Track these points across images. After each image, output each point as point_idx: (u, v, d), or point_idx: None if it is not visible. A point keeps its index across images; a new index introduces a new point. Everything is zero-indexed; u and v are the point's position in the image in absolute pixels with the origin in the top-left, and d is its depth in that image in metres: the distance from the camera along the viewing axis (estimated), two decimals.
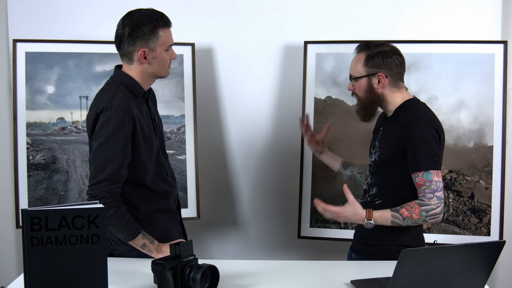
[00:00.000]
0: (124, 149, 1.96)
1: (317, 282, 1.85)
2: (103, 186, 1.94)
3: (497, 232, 2.76)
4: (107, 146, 1.95)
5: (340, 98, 2.92)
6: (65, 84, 2.84)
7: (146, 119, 2.07)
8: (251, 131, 3.09)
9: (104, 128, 1.95)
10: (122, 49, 2.04)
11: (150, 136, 2.07)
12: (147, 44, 2.01)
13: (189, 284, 1.66)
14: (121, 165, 1.97)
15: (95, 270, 1.49)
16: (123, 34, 2.01)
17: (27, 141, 2.82)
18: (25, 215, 1.43)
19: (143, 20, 2.00)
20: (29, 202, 2.79)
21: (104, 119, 1.95)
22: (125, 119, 1.95)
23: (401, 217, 1.98)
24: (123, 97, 2.00)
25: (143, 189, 2.09)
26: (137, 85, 2.06)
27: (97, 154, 1.97)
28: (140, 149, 2.02)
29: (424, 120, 2.03)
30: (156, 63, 2.05)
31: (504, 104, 2.78)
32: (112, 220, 1.96)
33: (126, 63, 2.07)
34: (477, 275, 1.52)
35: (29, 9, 2.95)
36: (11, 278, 2.01)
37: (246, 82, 3.06)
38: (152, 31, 2.00)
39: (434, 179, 1.96)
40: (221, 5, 3.04)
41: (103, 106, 1.96)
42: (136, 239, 2.00)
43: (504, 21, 2.95)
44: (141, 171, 2.06)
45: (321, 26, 3.01)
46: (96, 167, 1.97)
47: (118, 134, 1.94)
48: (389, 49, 2.09)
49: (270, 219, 3.13)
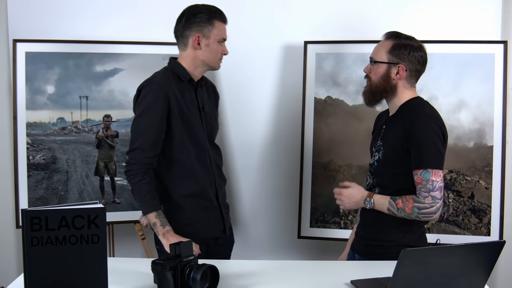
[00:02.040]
0: (157, 122, 2.13)
1: (317, 282, 1.85)
2: (135, 153, 2.13)
3: (497, 232, 2.77)
4: (142, 118, 2.15)
5: (340, 98, 2.92)
6: (65, 84, 2.83)
7: (189, 104, 2.21)
8: (251, 131, 3.09)
9: (142, 101, 2.14)
10: (178, 35, 2.21)
11: (191, 120, 2.20)
12: (202, 30, 2.18)
13: (189, 284, 1.66)
14: (154, 136, 2.13)
15: (95, 270, 1.49)
16: (181, 21, 2.20)
17: (27, 141, 2.82)
18: (25, 215, 1.43)
19: (202, 9, 2.20)
20: (29, 202, 2.79)
21: (143, 94, 2.15)
22: (160, 96, 2.13)
23: (396, 207, 2.00)
24: (163, 77, 2.19)
25: (178, 168, 2.21)
26: (184, 71, 2.22)
27: (134, 125, 2.18)
28: (176, 127, 2.16)
29: (429, 118, 2.03)
30: (209, 51, 2.21)
31: (504, 104, 2.78)
32: (135, 187, 2.13)
33: (181, 49, 2.23)
34: (477, 275, 1.52)
35: (29, 9, 2.95)
36: (11, 278, 2.01)
37: (246, 82, 3.06)
38: (208, 20, 2.19)
39: (431, 178, 1.96)
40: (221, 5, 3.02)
41: (144, 83, 2.18)
42: (150, 215, 2.12)
43: (504, 21, 2.95)
44: (179, 149, 2.19)
45: (321, 26, 3.01)
46: (132, 137, 2.17)
47: (153, 108, 2.12)
48: (416, 45, 2.08)
49: (270, 219, 3.13)
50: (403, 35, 2.10)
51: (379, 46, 2.12)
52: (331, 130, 2.92)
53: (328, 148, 2.92)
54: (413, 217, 1.99)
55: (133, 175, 2.12)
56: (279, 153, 3.09)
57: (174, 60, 2.26)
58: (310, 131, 2.92)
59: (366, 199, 2.07)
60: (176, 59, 2.26)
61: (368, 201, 2.06)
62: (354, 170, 2.89)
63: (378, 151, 2.13)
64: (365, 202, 2.07)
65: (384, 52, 2.08)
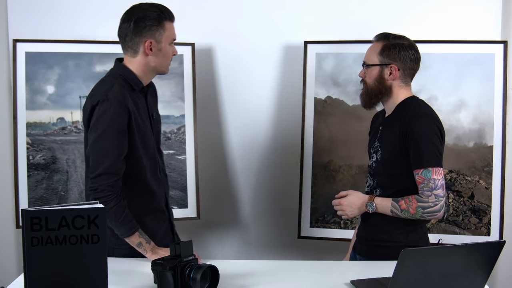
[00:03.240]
0: (120, 142, 1.95)
1: (317, 282, 1.85)
2: (102, 179, 1.94)
3: (497, 232, 2.77)
4: (103, 140, 1.94)
5: (340, 98, 2.92)
6: (65, 84, 2.83)
7: (143, 114, 2.06)
8: (251, 131, 3.09)
9: (100, 121, 1.94)
10: (127, 41, 2.02)
11: (146, 132, 2.05)
12: (154, 35, 2.00)
13: (189, 284, 1.66)
14: (118, 158, 1.96)
15: (95, 270, 1.49)
16: (129, 25, 1.99)
17: (27, 141, 2.82)
18: (25, 215, 1.43)
19: (150, 12, 1.99)
20: (29, 202, 2.79)
21: (100, 111, 1.94)
22: (121, 112, 1.94)
23: (400, 208, 2.00)
24: (119, 89, 1.98)
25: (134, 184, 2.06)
26: (136, 79, 2.04)
27: (95, 148, 1.96)
28: (135, 143, 2.01)
29: (426, 117, 2.02)
30: (161, 56, 2.03)
31: (504, 104, 2.78)
32: (111, 213, 1.94)
33: (130, 56, 2.04)
34: (477, 275, 1.52)
35: (29, 9, 2.95)
36: (11, 278, 2.01)
37: (246, 82, 3.06)
38: (159, 22, 2.00)
39: (432, 177, 1.96)
40: (221, 5, 3.03)
41: (99, 98, 1.95)
42: (132, 236, 1.98)
43: (504, 21, 2.95)
44: (135, 165, 2.03)
45: (321, 26, 3.01)
46: (94, 161, 1.97)
47: (114, 127, 1.94)
48: (406, 43, 2.08)
49: (270, 219, 3.13)
50: (392, 35, 2.09)
51: (370, 49, 2.12)
52: (331, 130, 2.92)
53: (328, 148, 2.92)
54: (418, 217, 1.99)
55: (104, 202, 1.90)
56: (279, 153, 3.09)
57: (123, 66, 2.05)
58: (310, 131, 2.92)
59: (367, 203, 2.06)
60: (123, 62, 2.07)
61: (370, 205, 2.06)
62: (354, 170, 2.89)
63: (376, 152, 2.13)
64: (367, 206, 2.06)
65: (375, 54, 2.08)
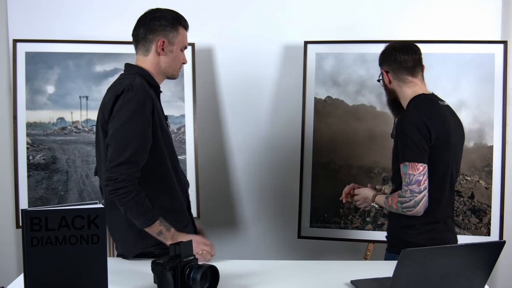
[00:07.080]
0: (145, 131, 1.90)
1: (317, 282, 1.85)
2: (123, 168, 1.86)
3: (497, 232, 2.77)
4: (127, 127, 1.88)
5: (340, 98, 2.92)
6: (65, 84, 2.84)
7: (161, 111, 2.04)
8: (251, 131, 3.09)
9: (125, 108, 1.88)
10: (140, 38, 2.03)
11: (167, 129, 2.04)
12: (168, 35, 2.02)
13: (189, 284, 1.66)
14: (142, 147, 1.89)
15: (95, 270, 1.49)
16: (144, 24, 2.02)
17: (27, 141, 2.82)
18: (25, 215, 1.43)
19: (167, 14, 2.04)
20: (29, 202, 2.79)
21: (125, 99, 1.89)
22: (146, 101, 1.90)
23: (387, 204, 2.07)
24: (142, 81, 1.97)
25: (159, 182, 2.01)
26: (151, 76, 2.04)
27: (117, 136, 1.89)
28: (159, 138, 1.97)
29: (410, 113, 2.05)
30: (172, 57, 2.05)
31: (504, 104, 2.78)
32: (132, 204, 1.88)
33: (142, 54, 2.05)
34: (477, 275, 1.52)
35: (29, 9, 2.95)
36: (11, 278, 2.01)
37: (246, 82, 3.06)
38: (173, 25, 2.03)
39: (408, 172, 1.97)
40: (222, 5, 3.04)
41: (124, 87, 1.91)
42: (153, 226, 1.93)
43: (504, 21, 2.95)
44: (158, 161, 1.99)
45: (321, 26, 3.01)
46: (115, 149, 1.88)
47: (139, 115, 1.88)
48: (389, 46, 2.17)
49: (270, 219, 3.13)
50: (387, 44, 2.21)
51: None
52: (331, 130, 2.92)
53: (328, 148, 2.92)
54: (400, 212, 2.02)
55: (125, 193, 1.85)
56: (279, 153, 3.09)
57: (136, 65, 2.05)
58: (310, 131, 2.92)
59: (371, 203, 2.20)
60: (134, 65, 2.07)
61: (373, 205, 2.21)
62: (354, 170, 2.89)
63: None
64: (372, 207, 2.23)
65: None
